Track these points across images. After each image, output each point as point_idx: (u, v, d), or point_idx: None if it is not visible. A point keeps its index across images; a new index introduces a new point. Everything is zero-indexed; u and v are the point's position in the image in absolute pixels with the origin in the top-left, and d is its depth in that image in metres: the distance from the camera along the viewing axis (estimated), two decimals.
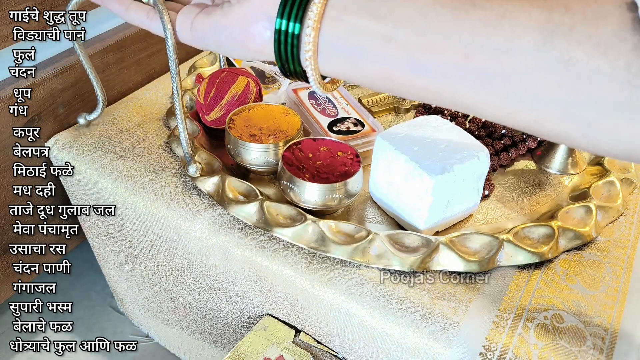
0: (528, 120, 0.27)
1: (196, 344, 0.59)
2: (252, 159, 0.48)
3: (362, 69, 0.29)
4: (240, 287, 0.48)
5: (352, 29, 0.28)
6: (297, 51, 0.30)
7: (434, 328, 0.38)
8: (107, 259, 0.60)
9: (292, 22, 0.29)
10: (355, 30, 0.28)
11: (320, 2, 0.28)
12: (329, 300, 0.41)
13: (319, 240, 0.43)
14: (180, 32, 0.37)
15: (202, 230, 0.46)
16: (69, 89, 0.57)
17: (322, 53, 0.30)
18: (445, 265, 0.42)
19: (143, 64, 0.65)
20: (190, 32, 0.36)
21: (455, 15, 0.26)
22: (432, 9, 0.27)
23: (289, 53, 0.30)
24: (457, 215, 0.46)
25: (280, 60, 0.31)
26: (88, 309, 0.70)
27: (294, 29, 0.29)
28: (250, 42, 0.32)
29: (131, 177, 0.51)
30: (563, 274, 0.42)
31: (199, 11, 0.35)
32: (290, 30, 0.29)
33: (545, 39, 0.25)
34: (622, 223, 0.47)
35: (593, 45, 0.24)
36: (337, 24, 0.28)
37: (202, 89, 0.53)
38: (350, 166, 0.47)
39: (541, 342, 0.37)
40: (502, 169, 0.54)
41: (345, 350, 0.44)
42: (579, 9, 0.24)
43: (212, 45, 0.35)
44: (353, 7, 0.28)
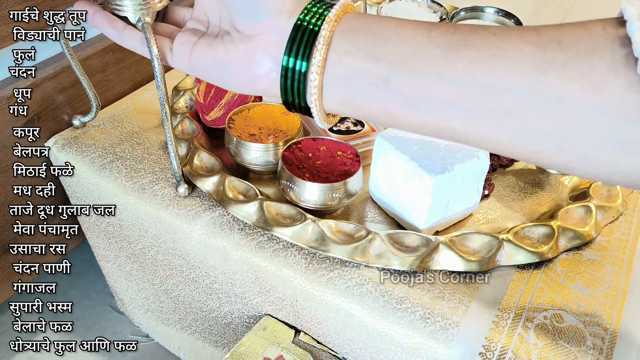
0: (527, 153, 0.27)
1: (196, 343, 0.59)
2: (252, 159, 0.48)
3: (363, 107, 0.30)
4: (239, 288, 0.48)
5: (351, 70, 0.29)
6: (303, 87, 0.30)
7: (433, 328, 0.38)
8: (107, 259, 0.60)
9: (299, 60, 0.30)
10: (355, 72, 0.29)
11: (323, 49, 0.29)
12: (329, 300, 0.41)
13: (319, 239, 0.43)
14: (178, 62, 0.36)
15: (200, 231, 0.46)
16: (69, 89, 0.57)
17: (326, 93, 0.30)
18: (445, 265, 0.42)
19: (143, 64, 0.65)
20: (189, 62, 0.35)
21: (449, 55, 0.27)
22: (426, 50, 0.27)
23: (295, 89, 0.31)
24: (457, 215, 0.46)
25: (285, 95, 0.31)
26: (88, 309, 0.70)
27: (300, 66, 0.30)
28: (256, 84, 0.32)
29: (130, 178, 0.51)
30: (563, 274, 0.42)
31: (196, 39, 0.35)
32: (297, 68, 0.30)
33: (538, 78, 0.25)
34: (621, 223, 0.47)
35: (586, 81, 0.24)
36: (338, 67, 0.29)
37: (201, 89, 0.53)
38: (350, 166, 0.47)
39: (541, 342, 0.37)
40: (502, 169, 0.54)
41: (345, 350, 0.44)
42: (572, 45, 0.25)
43: (214, 80, 0.35)
44: (352, 50, 0.29)
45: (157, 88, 0.42)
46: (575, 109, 0.25)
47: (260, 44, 0.31)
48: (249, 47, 0.32)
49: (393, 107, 0.29)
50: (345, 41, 0.29)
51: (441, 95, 0.27)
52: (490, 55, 0.26)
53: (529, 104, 0.25)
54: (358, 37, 0.29)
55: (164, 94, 0.42)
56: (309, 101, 0.31)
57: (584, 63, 0.24)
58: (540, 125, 0.26)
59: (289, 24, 0.30)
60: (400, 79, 0.28)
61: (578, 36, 0.25)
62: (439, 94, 0.27)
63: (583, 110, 0.24)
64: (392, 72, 0.28)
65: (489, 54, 0.26)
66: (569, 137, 0.25)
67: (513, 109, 0.26)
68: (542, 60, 0.25)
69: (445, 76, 0.27)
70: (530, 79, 0.25)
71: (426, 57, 0.27)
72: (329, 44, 0.29)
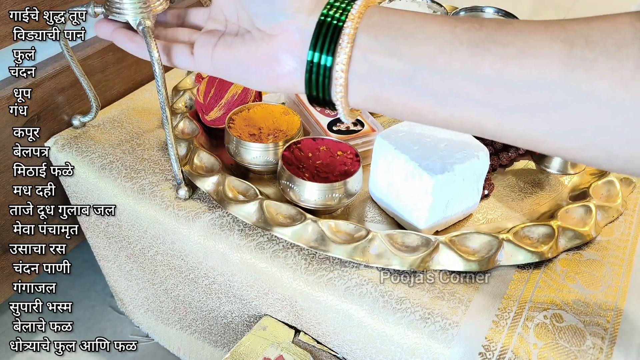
0: (554, 148, 0.28)
1: (196, 343, 0.59)
2: (252, 159, 0.48)
3: (387, 103, 0.30)
4: (237, 289, 0.48)
5: (376, 68, 0.29)
6: (328, 82, 0.30)
7: (433, 328, 0.38)
8: (107, 259, 0.60)
9: (324, 55, 0.30)
10: (379, 69, 0.29)
11: (347, 47, 0.29)
12: (328, 301, 0.41)
13: (319, 239, 0.43)
14: (200, 65, 0.36)
15: (199, 233, 0.46)
16: (68, 89, 0.57)
17: (351, 90, 0.30)
18: (445, 264, 0.42)
19: (143, 64, 0.65)
20: (211, 64, 0.35)
21: (475, 51, 0.27)
22: (451, 47, 0.27)
23: (320, 84, 0.31)
24: (457, 215, 0.46)
25: (310, 90, 0.31)
26: (88, 309, 0.70)
27: (326, 61, 0.30)
28: (280, 83, 0.32)
29: (130, 178, 0.51)
30: (563, 274, 0.42)
31: (216, 40, 0.34)
32: (323, 63, 0.30)
33: (566, 75, 0.25)
34: (621, 223, 0.47)
35: (616, 78, 0.24)
36: (363, 64, 0.29)
37: (201, 89, 0.53)
38: (350, 166, 0.47)
39: (541, 342, 0.37)
40: (502, 169, 0.54)
41: (344, 350, 0.44)
42: (600, 41, 0.25)
43: (236, 79, 0.35)
44: (376, 47, 0.29)
45: (158, 92, 0.41)
46: (604, 105, 0.25)
47: (282, 44, 0.31)
48: (271, 46, 0.31)
49: (418, 104, 0.29)
50: (369, 38, 0.29)
51: (467, 92, 0.27)
52: (518, 52, 0.26)
53: (556, 101, 0.25)
54: (381, 33, 0.29)
55: (165, 97, 0.42)
56: (334, 97, 0.31)
57: (613, 60, 0.24)
58: (568, 121, 0.26)
59: (309, 22, 0.30)
60: (425, 77, 0.28)
61: (606, 31, 0.25)
62: (465, 90, 0.27)
63: (612, 107, 0.24)
64: (416, 69, 0.28)
65: (517, 51, 0.26)
66: (597, 134, 0.25)
67: (540, 106, 0.26)
68: (570, 57, 0.25)
69: (471, 73, 0.27)
70: (559, 77, 0.25)
71: (451, 54, 0.27)
72: (353, 41, 0.29)
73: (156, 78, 0.40)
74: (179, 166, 0.47)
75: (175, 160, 0.46)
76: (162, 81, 0.40)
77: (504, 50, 0.26)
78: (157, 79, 0.40)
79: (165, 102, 0.42)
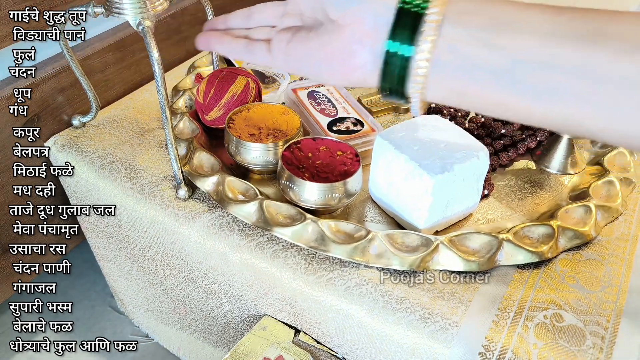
0: None
1: (196, 343, 0.59)
2: (252, 159, 0.48)
3: (473, 98, 0.28)
4: (237, 289, 0.48)
5: (465, 59, 0.27)
6: (404, 72, 0.29)
7: (433, 328, 0.38)
8: (107, 259, 0.60)
9: (405, 44, 0.28)
10: (469, 61, 0.27)
11: (432, 35, 0.27)
12: (328, 301, 0.41)
13: (319, 239, 0.43)
14: (275, 60, 0.35)
15: (199, 232, 0.46)
16: (68, 89, 0.57)
17: (432, 83, 0.28)
18: (444, 264, 0.42)
19: (142, 64, 0.65)
20: (285, 60, 0.34)
21: (583, 46, 0.25)
22: (555, 41, 0.25)
23: (396, 76, 0.29)
24: (456, 215, 0.46)
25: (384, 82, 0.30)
26: (88, 309, 0.70)
27: (405, 51, 0.28)
28: (351, 76, 0.31)
29: (130, 178, 0.51)
30: (563, 274, 0.42)
31: (290, 36, 0.34)
32: (401, 53, 0.28)
33: None
34: (621, 222, 0.47)
35: None
36: (449, 55, 0.27)
37: (201, 89, 0.53)
38: (350, 166, 0.47)
39: (541, 342, 0.37)
40: (502, 169, 0.54)
41: (344, 350, 0.44)
42: None
43: (308, 74, 0.34)
44: (465, 37, 0.27)
45: (158, 92, 0.42)
46: None
47: (355, 35, 0.30)
48: (343, 38, 0.31)
49: (511, 99, 0.27)
50: (457, 26, 0.27)
51: (570, 88, 0.25)
52: (633, 47, 0.24)
53: None
54: (471, 22, 0.27)
55: (165, 97, 0.42)
56: (411, 90, 0.29)
57: None
58: None
59: (385, 7, 0.29)
60: (525, 71, 0.26)
61: None
62: (567, 86, 0.25)
63: None
64: (515, 63, 0.26)
65: (631, 45, 0.24)
66: None
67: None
68: None
69: (577, 68, 0.25)
70: None
71: (556, 49, 0.25)
72: (439, 29, 0.27)
73: (156, 78, 0.40)
74: (178, 166, 0.47)
75: (175, 160, 0.47)
76: (162, 81, 0.40)
77: (617, 44, 0.24)
78: (157, 79, 0.40)
79: (165, 102, 0.42)
